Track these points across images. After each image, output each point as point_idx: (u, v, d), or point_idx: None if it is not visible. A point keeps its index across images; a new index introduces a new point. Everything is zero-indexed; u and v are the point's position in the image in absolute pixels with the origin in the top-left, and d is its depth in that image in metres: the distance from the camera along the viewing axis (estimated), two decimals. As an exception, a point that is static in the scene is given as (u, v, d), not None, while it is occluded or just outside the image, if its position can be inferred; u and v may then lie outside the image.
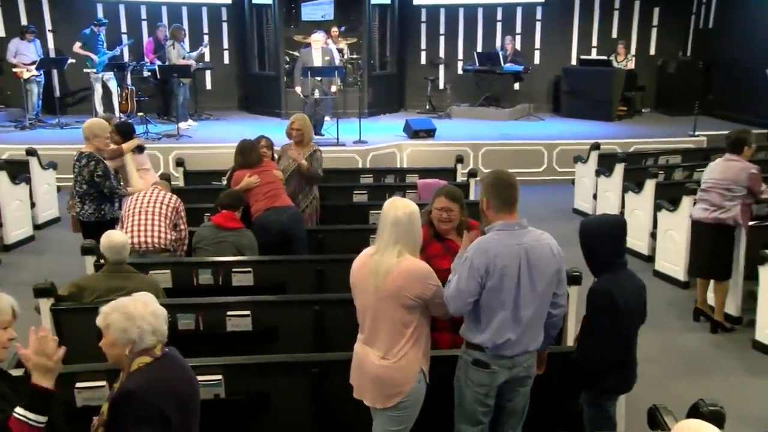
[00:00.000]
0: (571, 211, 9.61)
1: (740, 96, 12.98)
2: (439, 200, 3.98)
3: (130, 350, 2.68)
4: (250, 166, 5.86)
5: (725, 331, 5.91)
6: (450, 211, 3.95)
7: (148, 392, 2.58)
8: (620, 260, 3.57)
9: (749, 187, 5.73)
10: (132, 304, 2.73)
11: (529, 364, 3.39)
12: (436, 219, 3.99)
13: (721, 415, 2.77)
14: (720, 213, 5.79)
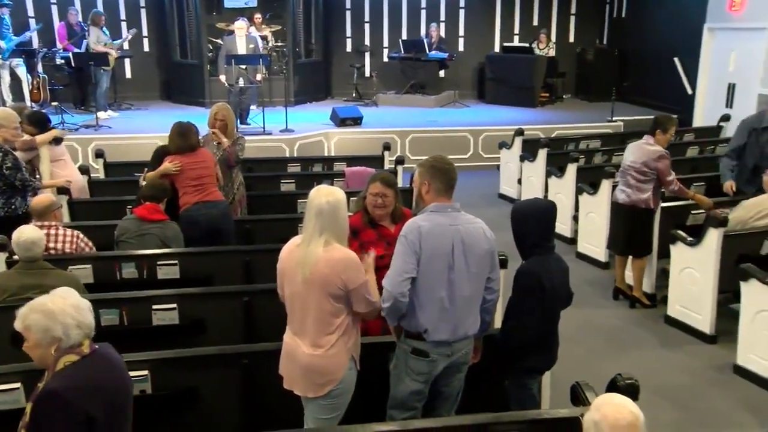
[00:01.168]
0: (496, 196, 9.81)
1: (653, 83, 13.50)
2: (375, 186, 4.00)
3: (56, 349, 2.57)
4: (189, 150, 5.59)
5: (644, 307, 6.16)
6: (385, 197, 3.98)
7: (71, 392, 2.48)
8: (549, 244, 3.67)
9: (657, 171, 5.91)
10: (50, 300, 2.61)
11: (467, 350, 3.45)
12: (371, 205, 4.01)
13: (635, 387, 2.91)
14: (634, 194, 5.99)
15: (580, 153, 8.45)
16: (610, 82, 13.23)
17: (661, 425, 4.42)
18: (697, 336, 5.60)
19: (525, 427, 2.96)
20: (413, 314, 3.32)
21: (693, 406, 4.72)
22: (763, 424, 4.49)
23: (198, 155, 5.64)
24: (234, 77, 10.66)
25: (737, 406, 4.70)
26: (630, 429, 2.21)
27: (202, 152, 5.71)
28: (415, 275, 3.25)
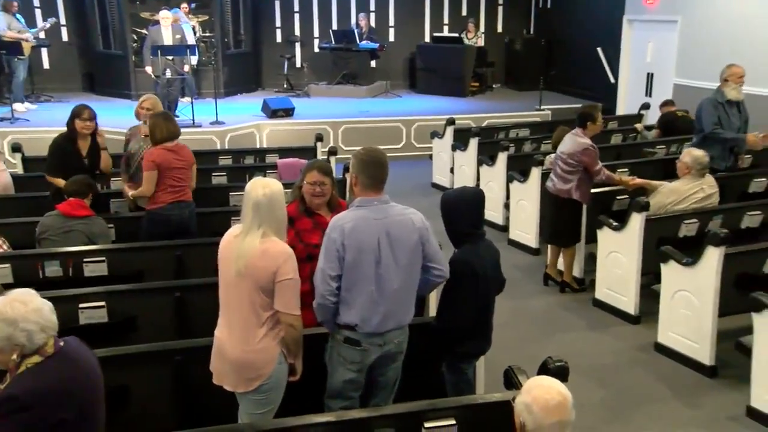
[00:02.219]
0: (430, 186, 9.90)
1: (578, 72, 13.87)
2: (312, 174, 3.98)
3: (18, 354, 2.45)
4: (173, 138, 5.35)
5: (574, 291, 6.35)
6: (323, 185, 3.97)
7: (31, 396, 2.38)
8: (479, 231, 3.73)
9: (582, 164, 6.01)
10: (9, 306, 2.47)
11: (401, 340, 3.46)
12: (308, 194, 4.00)
13: (565, 369, 3.00)
14: (558, 184, 6.12)
15: (510, 141, 8.59)
16: (538, 72, 13.52)
17: (590, 404, 4.58)
18: (623, 317, 5.80)
19: (460, 412, 3.01)
20: (344, 308, 3.33)
21: (618, 384, 4.91)
22: (678, 396, 4.72)
23: (181, 153, 5.44)
24: (161, 68, 10.38)
25: (657, 382, 4.91)
26: (559, 409, 2.28)
27: (183, 150, 5.50)
28: (337, 273, 3.27)
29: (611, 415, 4.55)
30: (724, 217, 5.76)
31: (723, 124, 6.70)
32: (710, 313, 4.89)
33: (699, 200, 5.86)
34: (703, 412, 4.56)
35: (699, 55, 10.28)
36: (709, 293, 4.87)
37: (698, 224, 5.68)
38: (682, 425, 4.43)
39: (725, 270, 4.84)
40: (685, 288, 5.05)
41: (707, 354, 4.93)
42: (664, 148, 8.33)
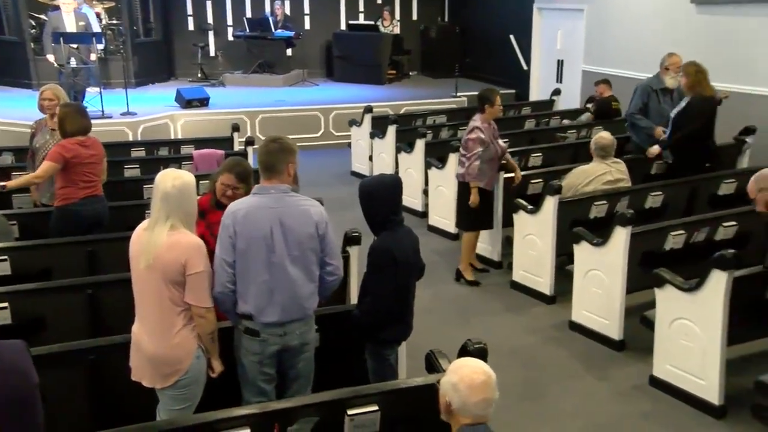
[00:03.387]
0: (349, 174, 9.90)
1: (492, 59, 14.15)
2: (228, 177, 3.92)
3: None
4: (85, 131, 5.12)
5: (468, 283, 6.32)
6: (235, 189, 3.90)
7: None
8: (398, 218, 3.74)
9: (465, 145, 6.02)
10: None
11: (303, 331, 3.44)
12: (219, 192, 3.95)
13: (484, 350, 3.08)
14: (460, 168, 6.19)
15: (427, 128, 8.70)
16: (453, 59, 13.72)
17: (509, 383, 4.71)
18: (539, 298, 5.99)
19: (383, 397, 3.04)
20: (241, 297, 3.31)
21: (536, 362, 5.08)
22: (590, 370, 4.92)
23: (93, 147, 5.20)
24: (64, 57, 9.91)
25: (572, 358, 5.11)
26: (484, 386, 2.36)
27: (95, 143, 5.26)
28: (233, 260, 3.25)
29: (529, 392, 4.70)
30: (631, 199, 6.01)
31: (651, 110, 6.99)
32: (619, 291, 5.11)
33: (607, 182, 6.09)
34: (612, 383, 4.78)
35: (605, 42, 10.67)
36: (618, 271, 5.09)
37: (607, 206, 5.91)
38: (594, 397, 4.63)
39: (631, 249, 5.06)
40: (596, 267, 5.26)
41: (616, 329, 5.16)
42: (575, 133, 8.62)
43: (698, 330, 4.37)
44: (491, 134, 6.07)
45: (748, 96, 7.90)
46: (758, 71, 8.00)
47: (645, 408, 4.49)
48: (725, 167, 7.18)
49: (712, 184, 6.48)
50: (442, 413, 2.46)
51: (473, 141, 5.95)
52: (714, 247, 4.96)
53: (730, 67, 8.11)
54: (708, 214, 5.67)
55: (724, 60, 7.82)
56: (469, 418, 2.36)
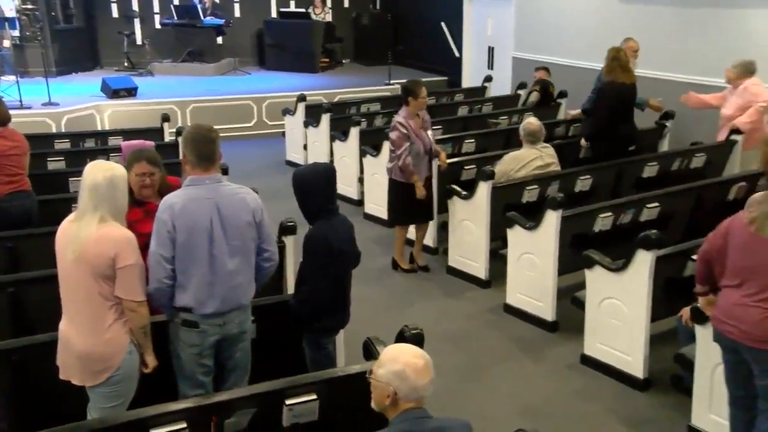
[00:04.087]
0: (284, 163, 9.81)
1: (425, 46, 14.23)
2: (140, 165, 3.86)
3: None
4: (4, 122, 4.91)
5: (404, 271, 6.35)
6: (152, 175, 3.87)
7: None
8: (332, 206, 3.74)
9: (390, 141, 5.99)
10: None
11: (242, 320, 3.42)
12: (137, 185, 3.87)
13: (420, 336, 3.11)
14: (387, 164, 6.14)
15: (361, 116, 8.69)
16: (386, 47, 13.71)
17: (447, 367, 4.78)
18: (475, 282, 6.09)
19: (321, 386, 3.04)
20: (179, 290, 3.26)
21: (472, 346, 5.17)
22: (525, 352, 5.05)
23: (13, 138, 4.97)
24: (-25, 44, 9.45)
25: (507, 341, 5.22)
26: (427, 367, 2.40)
27: (16, 135, 5.01)
28: (171, 255, 3.19)
29: (466, 375, 4.79)
30: (561, 183, 6.16)
31: None
32: (551, 273, 5.25)
33: (538, 167, 6.23)
34: (546, 363, 4.91)
35: (533, 29, 10.87)
36: (550, 254, 5.22)
37: (538, 190, 6.04)
38: (528, 377, 4.75)
39: (562, 231, 5.20)
40: (528, 250, 5.38)
41: (549, 311, 5.30)
42: (507, 119, 8.77)
43: (625, 308, 4.53)
44: (418, 127, 5.95)
45: (675, 83, 8.14)
46: (687, 59, 8.25)
47: (577, 385, 4.63)
48: (648, 151, 7.45)
49: (636, 167, 6.71)
50: (378, 405, 2.44)
51: (398, 138, 5.84)
52: (639, 227, 5.14)
53: (657, 54, 8.36)
54: (633, 196, 5.86)
55: (650, 48, 8.05)
56: (412, 403, 2.38)
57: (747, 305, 3.21)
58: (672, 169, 6.84)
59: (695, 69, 7.89)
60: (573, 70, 9.61)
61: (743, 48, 7.38)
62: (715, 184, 6.26)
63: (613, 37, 8.00)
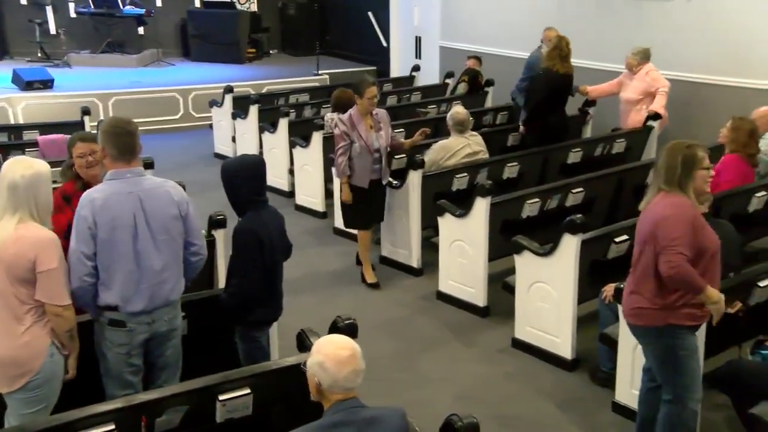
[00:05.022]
0: (212, 156, 9.61)
1: (353, 36, 14.17)
2: (81, 146, 3.80)
3: None
4: None
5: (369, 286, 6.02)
6: (93, 153, 3.75)
7: None
8: (262, 198, 3.69)
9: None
10: None
11: (171, 317, 3.36)
12: (82, 167, 3.78)
13: (354, 326, 3.12)
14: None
15: (290, 107, 8.61)
16: (313, 36, 13.61)
17: (382, 356, 4.82)
18: (407, 271, 6.13)
19: (255, 380, 3.00)
20: (103, 289, 3.17)
21: (406, 333, 5.22)
22: (458, 337, 5.14)
23: None
24: None
25: (440, 327, 5.29)
26: (352, 358, 2.39)
27: None
28: (92, 252, 3.10)
29: (401, 362, 4.83)
30: (489, 170, 6.26)
31: None
32: (481, 259, 5.34)
33: (467, 156, 6.31)
34: (478, 348, 5.01)
35: (459, 18, 10.98)
36: (480, 240, 5.31)
37: (468, 178, 6.12)
38: (461, 363, 4.83)
39: (492, 218, 5.29)
40: (459, 238, 5.45)
41: (481, 297, 5.40)
42: (435, 108, 8.85)
43: (553, 291, 4.65)
44: (367, 127, 5.56)
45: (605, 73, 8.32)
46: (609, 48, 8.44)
47: (508, 369, 4.74)
48: (572, 137, 7.66)
49: (561, 154, 6.89)
50: (312, 396, 2.47)
51: (336, 135, 5.61)
52: (565, 212, 5.28)
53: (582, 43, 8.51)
54: (559, 182, 6.02)
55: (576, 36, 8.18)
56: (340, 394, 2.39)
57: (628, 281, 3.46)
58: (595, 155, 7.06)
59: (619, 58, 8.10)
60: (499, 59, 9.76)
61: (660, 37, 7.69)
62: (634, 169, 6.49)
63: (538, 25, 8.18)
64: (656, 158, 3.37)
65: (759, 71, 7.05)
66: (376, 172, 5.70)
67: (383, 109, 5.99)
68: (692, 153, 3.28)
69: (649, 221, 3.29)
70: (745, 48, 7.17)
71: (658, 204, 3.30)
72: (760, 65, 7.05)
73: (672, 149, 3.31)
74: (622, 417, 4.11)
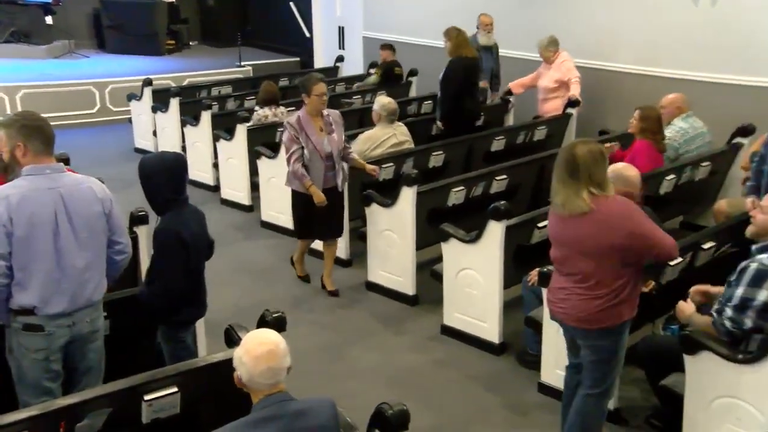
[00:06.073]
0: (133, 151, 9.33)
1: (275, 27, 13.99)
2: None
3: None
4: None
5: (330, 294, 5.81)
6: None
7: None
8: (182, 196, 3.57)
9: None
10: None
11: (93, 318, 3.25)
12: None
13: (282, 319, 3.09)
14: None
15: (213, 100, 8.43)
16: (235, 27, 13.36)
17: (312, 348, 4.81)
18: (337, 262, 6.07)
19: (181, 378, 2.94)
20: (18, 290, 3.04)
21: (337, 323, 5.22)
22: (387, 327, 5.18)
23: None
24: None
25: (371, 317, 5.32)
26: (269, 355, 2.35)
27: None
28: (6, 251, 2.97)
29: (331, 354, 4.83)
30: (415, 159, 6.31)
31: None
32: (409, 248, 5.38)
33: (393, 145, 6.34)
34: (408, 336, 5.05)
35: (381, 9, 10.99)
36: (407, 229, 5.35)
37: (394, 167, 6.15)
38: (392, 352, 4.86)
39: (418, 207, 5.34)
40: (387, 227, 5.48)
41: (410, 285, 5.44)
42: (360, 98, 8.85)
43: (480, 277, 4.74)
44: (317, 129, 5.21)
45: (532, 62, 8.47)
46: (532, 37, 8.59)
47: (438, 355, 4.81)
48: (495, 126, 7.81)
49: (485, 142, 7.01)
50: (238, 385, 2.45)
51: (287, 140, 5.21)
52: (490, 199, 5.36)
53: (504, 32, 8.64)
54: (483, 170, 6.11)
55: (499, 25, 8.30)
56: (266, 388, 2.37)
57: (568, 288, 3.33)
58: (517, 142, 7.21)
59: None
60: (423, 49, 9.83)
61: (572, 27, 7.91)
62: (556, 155, 6.62)
63: (461, 14, 8.27)
64: (568, 164, 3.26)
65: (665, 61, 7.33)
66: (330, 179, 5.28)
67: (335, 110, 5.63)
68: (600, 148, 3.30)
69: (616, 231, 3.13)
70: (652, 38, 7.45)
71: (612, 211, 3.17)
72: (665, 54, 7.33)
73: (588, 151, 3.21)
74: (547, 397, 4.24)
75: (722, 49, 6.81)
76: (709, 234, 4.62)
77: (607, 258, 3.19)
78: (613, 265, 3.21)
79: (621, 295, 3.25)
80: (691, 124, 5.93)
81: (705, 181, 6.04)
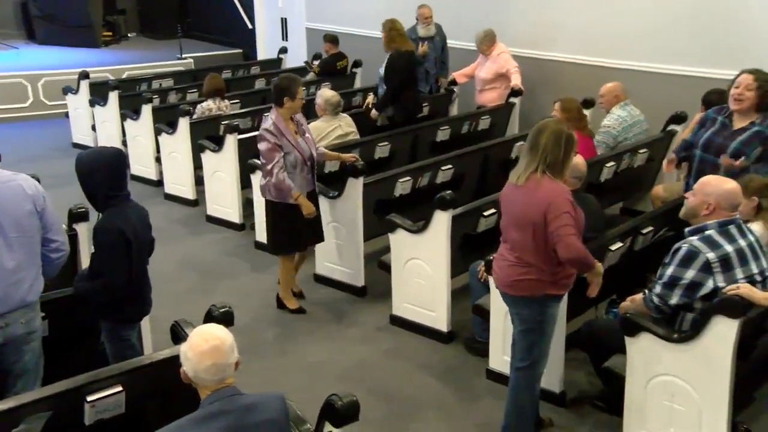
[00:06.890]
0: (71, 146, 9.06)
1: (216, 18, 13.76)
2: None
3: None
4: None
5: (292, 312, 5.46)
6: None
7: None
8: (123, 193, 3.46)
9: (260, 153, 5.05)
10: None
11: (29, 319, 3.15)
12: None
13: (229, 314, 3.05)
14: (261, 180, 5.15)
15: (153, 93, 8.24)
16: (175, 19, 13.08)
17: (260, 342, 4.80)
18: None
19: (126, 377, 2.88)
20: None
21: (284, 319, 5.17)
22: (336, 318, 5.17)
23: None
24: None
25: (319, 310, 5.29)
26: (214, 351, 2.32)
27: None
28: None
29: (279, 347, 4.80)
30: (361, 150, 6.30)
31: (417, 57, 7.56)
32: (357, 240, 5.38)
33: (338, 137, 6.32)
34: (357, 328, 5.06)
35: (324, 0, 10.92)
36: (355, 221, 5.35)
37: (340, 159, 6.13)
38: (341, 343, 4.86)
39: (365, 198, 5.33)
40: (334, 219, 5.46)
41: (358, 277, 5.45)
42: (305, 91, 8.74)
43: (427, 267, 4.77)
44: (292, 132, 4.90)
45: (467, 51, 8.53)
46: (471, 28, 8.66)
47: (387, 346, 4.83)
48: (440, 116, 7.86)
49: (430, 132, 7.05)
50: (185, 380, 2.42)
51: (268, 149, 4.78)
52: (436, 189, 5.40)
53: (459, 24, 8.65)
54: (429, 160, 6.15)
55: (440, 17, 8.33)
56: (214, 384, 2.34)
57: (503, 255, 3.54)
58: (462, 132, 7.28)
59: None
60: (366, 40, 9.78)
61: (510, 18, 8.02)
62: (499, 144, 6.76)
63: (404, 4, 8.27)
64: (533, 137, 3.36)
65: (602, 51, 7.49)
66: (310, 183, 5.03)
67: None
68: (571, 136, 3.39)
69: (536, 206, 3.30)
70: (589, 28, 7.61)
71: (542, 189, 3.32)
72: (602, 44, 7.49)
73: (555, 133, 3.33)
74: (495, 383, 4.31)
75: (654, 38, 7.00)
76: (647, 219, 4.76)
77: (529, 232, 3.36)
78: (535, 239, 3.36)
79: (544, 270, 3.40)
80: (629, 112, 6.09)
81: (643, 168, 6.22)
